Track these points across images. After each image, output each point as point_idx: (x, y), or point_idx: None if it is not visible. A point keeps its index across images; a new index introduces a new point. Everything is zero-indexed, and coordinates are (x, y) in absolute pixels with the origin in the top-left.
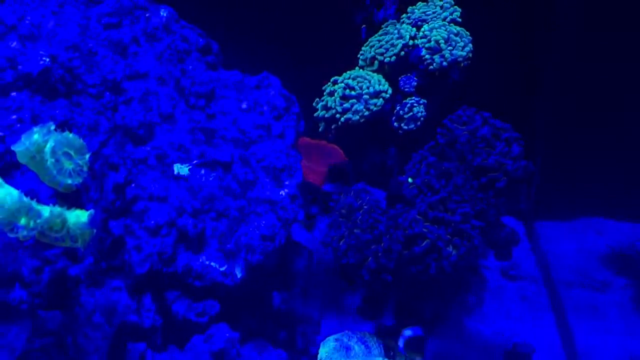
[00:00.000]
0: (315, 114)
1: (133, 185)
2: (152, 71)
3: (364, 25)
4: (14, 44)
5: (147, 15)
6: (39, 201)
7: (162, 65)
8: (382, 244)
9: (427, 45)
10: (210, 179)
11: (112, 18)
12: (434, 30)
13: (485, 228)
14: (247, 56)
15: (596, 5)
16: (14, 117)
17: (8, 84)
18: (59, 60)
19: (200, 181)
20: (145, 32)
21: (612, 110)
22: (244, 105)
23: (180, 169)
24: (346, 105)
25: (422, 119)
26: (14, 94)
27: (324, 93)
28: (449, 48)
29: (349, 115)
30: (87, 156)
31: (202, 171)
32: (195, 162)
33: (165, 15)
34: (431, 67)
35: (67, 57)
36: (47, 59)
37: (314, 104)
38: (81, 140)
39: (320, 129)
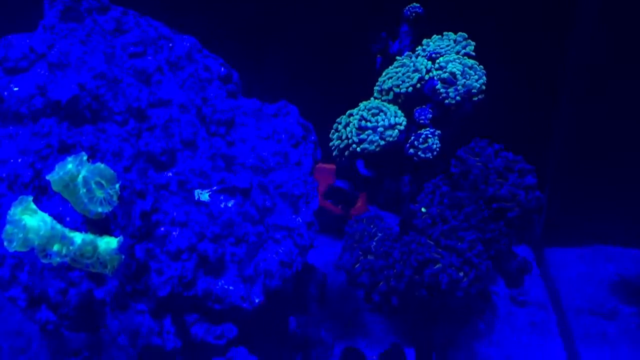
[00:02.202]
0: (331, 144)
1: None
2: (175, 99)
3: (379, 56)
4: (44, 71)
5: (170, 45)
6: (66, 225)
7: (184, 93)
8: (395, 270)
9: (442, 77)
10: (230, 204)
11: (137, 47)
12: (449, 63)
13: (496, 256)
14: (266, 84)
15: (611, 39)
16: (43, 142)
17: (38, 110)
18: (87, 88)
19: (220, 207)
20: (168, 61)
21: (623, 138)
22: (262, 133)
23: (201, 194)
24: (362, 136)
25: (437, 149)
26: (42, 120)
27: (340, 125)
28: (464, 81)
29: (365, 145)
30: (117, 186)
31: (222, 197)
32: (215, 188)
33: (188, 45)
34: (446, 101)
35: (94, 85)
36: (76, 87)
37: (330, 134)
38: (112, 171)
39: (333, 154)
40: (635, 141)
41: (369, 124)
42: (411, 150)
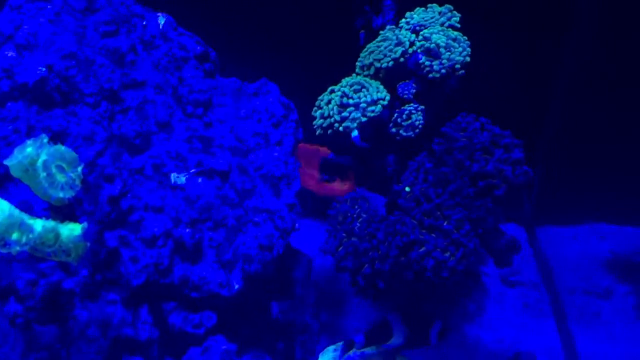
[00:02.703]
0: (314, 122)
1: (129, 195)
2: (149, 79)
3: (362, 31)
4: (11, 53)
5: (144, 23)
6: (34, 213)
7: (159, 74)
8: (379, 251)
9: (425, 48)
10: (208, 188)
11: (109, 26)
12: (433, 35)
13: (484, 235)
14: (245, 62)
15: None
16: (10, 127)
17: (4, 93)
18: (56, 69)
19: (198, 190)
20: (142, 40)
21: (616, 113)
22: (241, 113)
23: (177, 178)
24: (344, 113)
25: (420, 126)
26: (9, 104)
27: (322, 102)
28: (448, 54)
29: (347, 123)
30: (80, 169)
31: (200, 180)
32: (192, 171)
33: (162, 22)
34: (430, 75)
35: (63, 66)
36: (44, 69)
37: (312, 112)
38: (74, 153)
39: (317, 134)
40: (631, 117)
41: (350, 101)
42: (394, 129)
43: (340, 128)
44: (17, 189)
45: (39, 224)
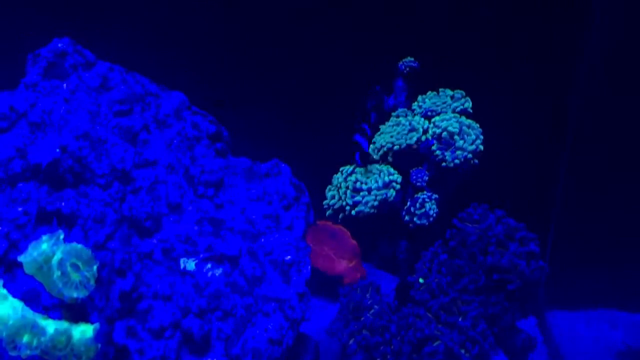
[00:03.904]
0: (325, 202)
1: (138, 282)
2: (161, 159)
3: (373, 112)
4: (24, 132)
5: (158, 102)
6: (41, 301)
7: (171, 153)
8: (392, 347)
9: (437, 136)
10: (217, 274)
11: (123, 105)
12: (444, 121)
13: (499, 333)
14: (257, 139)
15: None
16: (20, 209)
17: (16, 174)
18: (69, 150)
19: (207, 277)
20: (155, 119)
21: (628, 199)
22: (252, 194)
23: (187, 263)
24: (357, 198)
25: (434, 215)
26: (20, 184)
27: (333, 184)
28: (461, 142)
29: (360, 207)
30: (95, 268)
31: (209, 265)
32: (202, 256)
33: (176, 102)
34: (443, 164)
35: (77, 147)
36: (58, 150)
37: (326, 192)
38: (89, 251)
39: (327, 214)
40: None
41: (363, 186)
42: (407, 217)
43: (353, 212)
44: (26, 277)
45: (51, 326)
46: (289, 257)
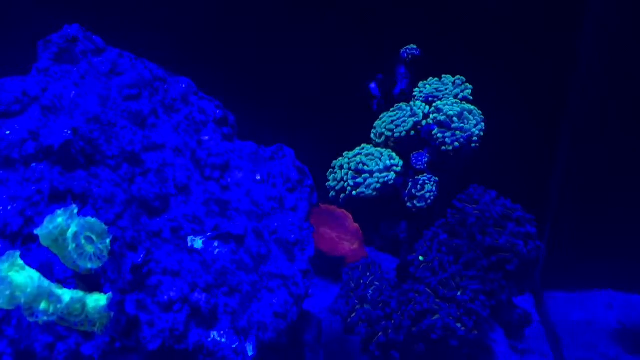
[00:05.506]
0: (327, 184)
1: (148, 258)
2: (169, 142)
3: (375, 98)
4: (36, 115)
5: (165, 87)
6: (55, 273)
7: (178, 136)
8: (393, 321)
9: (438, 121)
10: (224, 252)
11: (132, 90)
12: (446, 106)
13: (496, 308)
14: (262, 124)
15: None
16: (34, 188)
17: (29, 155)
18: (80, 132)
19: (214, 254)
20: (163, 103)
21: (624, 181)
22: (257, 177)
23: (194, 241)
24: (359, 180)
25: (433, 197)
26: (34, 164)
27: (336, 166)
28: (462, 126)
29: (361, 189)
30: (108, 241)
31: (216, 243)
32: (209, 234)
33: (183, 87)
34: (443, 147)
35: (88, 129)
36: (69, 132)
37: (327, 174)
38: (103, 225)
39: (330, 195)
40: (637, 184)
41: (365, 167)
42: (408, 199)
43: (354, 193)
44: (39, 250)
45: (67, 295)
46: (293, 236)
